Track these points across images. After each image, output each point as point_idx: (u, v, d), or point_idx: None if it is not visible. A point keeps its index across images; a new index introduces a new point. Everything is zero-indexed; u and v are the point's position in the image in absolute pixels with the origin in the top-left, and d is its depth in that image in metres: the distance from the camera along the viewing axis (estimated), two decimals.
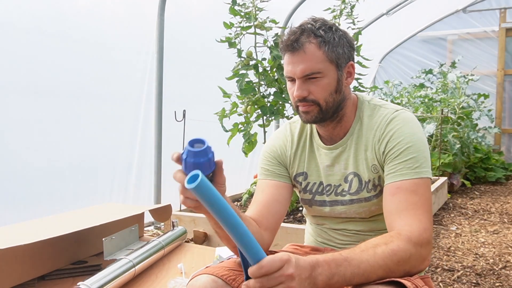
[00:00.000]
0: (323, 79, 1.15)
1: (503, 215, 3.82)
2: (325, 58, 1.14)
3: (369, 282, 0.95)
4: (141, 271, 1.50)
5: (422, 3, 5.65)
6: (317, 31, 1.15)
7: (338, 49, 1.16)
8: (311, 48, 1.14)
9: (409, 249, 0.98)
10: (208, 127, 3.30)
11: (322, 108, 1.17)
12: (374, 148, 1.19)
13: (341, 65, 1.18)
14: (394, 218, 1.07)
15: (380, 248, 0.96)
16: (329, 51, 1.15)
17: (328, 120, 1.21)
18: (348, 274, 0.91)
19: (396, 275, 0.97)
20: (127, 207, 2.12)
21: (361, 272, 0.93)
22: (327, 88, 1.16)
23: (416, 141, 1.13)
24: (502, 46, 6.38)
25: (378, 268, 0.94)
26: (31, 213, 2.44)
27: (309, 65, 1.14)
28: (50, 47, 2.61)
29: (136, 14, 3.19)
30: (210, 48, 3.18)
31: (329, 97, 1.17)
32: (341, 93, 1.19)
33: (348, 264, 0.92)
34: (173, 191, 3.18)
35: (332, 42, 1.15)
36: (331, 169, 1.26)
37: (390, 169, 1.13)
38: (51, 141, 2.66)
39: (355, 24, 3.15)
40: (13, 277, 1.38)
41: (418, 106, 5.44)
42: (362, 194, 1.22)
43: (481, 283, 2.34)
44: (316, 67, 1.14)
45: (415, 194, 1.08)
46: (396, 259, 0.96)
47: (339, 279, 0.91)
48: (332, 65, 1.16)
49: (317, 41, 1.14)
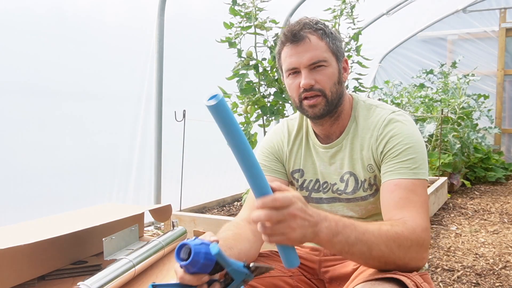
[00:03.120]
0: (328, 68, 1.17)
1: (503, 215, 3.82)
2: (328, 48, 1.18)
3: (374, 257, 0.94)
4: (141, 271, 1.50)
5: (422, 3, 5.65)
6: (316, 25, 1.18)
7: (337, 42, 1.20)
8: (314, 39, 1.16)
9: (411, 239, 0.98)
10: (208, 127, 3.30)
11: (328, 99, 1.18)
12: (370, 148, 1.19)
13: (340, 58, 1.21)
14: (395, 212, 1.06)
15: (386, 227, 0.98)
16: (330, 43, 1.18)
17: (328, 116, 1.21)
18: (352, 237, 0.92)
19: (395, 258, 0.96)
20: (127, 207, 2.12)
21: (364, 239, 0.93)
22: (332, 78, 1.18)
23: (415, 143, 1.13)
24: (502, 46, 6.38)
25: (381, 242, 0.94)
26: (31, 213, 2.44)
27: (316, 53, 1.16)
28: (50, 47, 2.61)
29: (136, 14, 3.19)
30: (210, 48, 3.17)
31: (333, 87, 1.18)
32: (341, 86, 1.21)
33: (354, 228, 0.93)
34: (173, 191, 3.20)
35: (331, 35, 1.19)
36: (327, 167, 1.26)
37: (388, 167, 1.13)
38: (51, 141, 2.66)
39: (355, 24, 3.15)
40: (13, 277, 1.38)
41: (418, 106, 5.44)
42: (358, 193, 1.22)
43: (481, 283, 2.34)
44: (322, 56, 1.16)
45: (414, 193, 1.08)
46: (398, 243, 0.96)
47: (342, 239, 0.91)
48: (334, 57, 1.19)
49: (318, 33, 1.17)
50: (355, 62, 3.18)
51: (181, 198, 3.12)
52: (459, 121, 5.32)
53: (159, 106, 3.26)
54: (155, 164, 3.28)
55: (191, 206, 3.27)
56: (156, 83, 3.25)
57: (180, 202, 3.12)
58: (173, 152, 3.27)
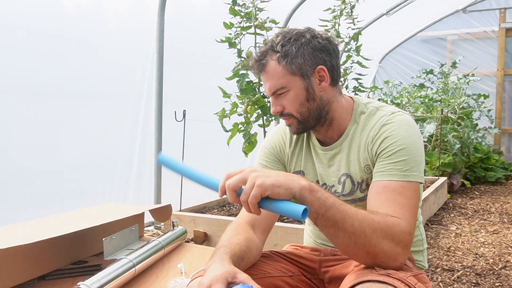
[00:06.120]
0: (289, 92, 1.17)
1: (503, 215, 3.82)
2: (286, 72, 1.15)
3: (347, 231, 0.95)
4: (141, 271, 1.50)
5: (422, 3, 5.65)
6: (276, 46, 1.16)
7: (298, 60, 1.15)
8: (272, 65, 1.16)
9: (385, 231, 0.98)
10: (208, 127, 3.31)
11: (299, 119, 1.20)
12: (367, 148, 1.18)
13: (306, 73, 1.16)
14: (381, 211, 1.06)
15: (364, 211, 1.00)
16: (288, 64, 1.15)
17: (316, 126, 1.22)
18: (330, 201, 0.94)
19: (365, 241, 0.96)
20: (127, 207, 2.12)
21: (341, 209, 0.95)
22: (296, 100, 1.18)
23: (409, 144, 1.12)
24: (502, 46, 6.38)
25: (355, 219, 0.95)
26: (31, 213, 2.44)
27: (272, 83, 1.17)
28: (50, 47, 2.61)
29: (136, 14, 3.19)
30: (210, 48, 3.18)
31: (301, 108, 1.18)
32: (315, 100, 1.19)
33: (333, 195, 0.97)
34: (173, 191, 3.20)
35: (291, 54, 1.15)
36: (326, 169, 1.26)
37: (379, 167, 1.13)
38: (51, 141, 2.66)
39: (355, 24, 3.15)
40: (13, 277, 1.38)
41: (418, 106, 5.44)
42: (356, 194, 1.22)
43: (481, 283, 2.34)
44: (279, 83, 1.16)
45: (402, 196, 1.07)
46: (372, 227, 0.97)
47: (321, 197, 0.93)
48: (296, 77, 1.16)
49: (276, 57, 1.16)
50: (355, 62, 3.18)
51: (181, 198, 3.12)
52: (459, 121, 5.32)
53: (159, 106, 3.26)
54: (155, 164, 3.28)
55: (191, 206, 3.27)
56: (156, 83, 3.25)
57: (180, 202, 3.12)
58: (173, 152, 3.27)
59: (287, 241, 2.38)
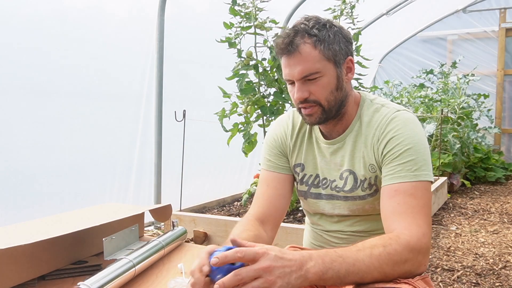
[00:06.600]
0: (322, 78, 1.13)
1: (503, 215, 3.82)
2: (322, 57, 1.12)
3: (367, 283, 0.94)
4: (141, 271, 1.49)
5: (422, 3, 5.65)
6: (310, 30, 1.12)
7: (335, 46, 1.13)
8: (306, 49, 1.11)
9: (406, 254, 0.96)
10: (208, 127, 3.31)
11: (324, 108, 1.15)
12: (373, 147, 1.17)
13: (339, 61, 1.15)
14: (392, 220, 1.05)
15: (377, 249, 0.95)
16: (325, 49, 1.12)
17: (331, 119, 1.20)
18: (342, 271, 0.89)
19: (391, 277, 0.95)
20: (127, 207, 2.12)
21: (355, 270, 0.91)
22: (327, 87, 1.14)
23: (416, 143, 1.11)
24: (502, 46, 6.38)
25: (373, 269, 0.92)
26: (31, 213, 2.44)
27: (306, 66, 1.11)
28: (50, 47, 2.61)
29: (136, 14, 3.19)
30: (210, 48, 3.18)
31: (330, 96, 1.15)
32: (342, 90, 1.17)
33: (342, 261, 0.90)
34: (173, 191, 3.20)
35: (328, 39, 1.12)
36: (327, 163, 1.25)
37: (389, 170, 1.11)
38: (51, 141, 2.66)
39: (355, 24, 3.15)
40: (13, 277, 1.38)
41: (418, 106, 5.44)
42: (356, 192, 1.21)
43: (481, 283, 2.34)
44: (314, 67, 1.11)
45: (414, 197, 1.06)
46: (391, 263, 0.94)
47: (333, 274, 0.88)
48: (330, 63, 1.13)
49: (311, 40, 1.11)
50: (355, 62, 3.18)
51: (181, 198, 3.12)
52: (459, 121, 5.32)
53: (159, 106, 3.26)
54: (155, 164, 3.28)
55: (191, 206, 3.28)
56: (156, 83, 3.25)
57: (180, 202, 3.12)
58: (173, 152, 3.27)
59: (287, 241, 2.38)
